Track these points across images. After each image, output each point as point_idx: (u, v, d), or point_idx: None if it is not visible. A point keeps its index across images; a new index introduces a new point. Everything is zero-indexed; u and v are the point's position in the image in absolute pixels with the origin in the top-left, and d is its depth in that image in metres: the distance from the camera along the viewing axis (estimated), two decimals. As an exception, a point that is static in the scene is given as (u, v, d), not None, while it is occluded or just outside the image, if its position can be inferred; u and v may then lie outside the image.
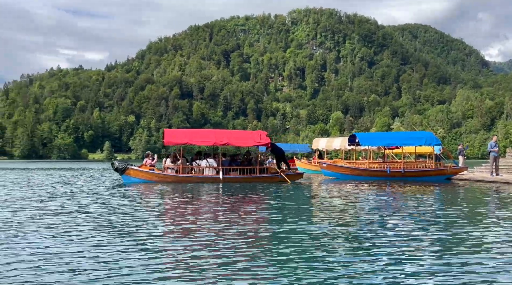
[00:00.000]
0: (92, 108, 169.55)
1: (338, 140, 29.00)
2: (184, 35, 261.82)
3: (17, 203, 10.64)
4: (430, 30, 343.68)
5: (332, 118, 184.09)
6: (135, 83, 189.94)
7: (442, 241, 6.19)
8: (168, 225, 7.52)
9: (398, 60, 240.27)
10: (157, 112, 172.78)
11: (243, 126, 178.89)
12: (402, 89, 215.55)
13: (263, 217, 8.51)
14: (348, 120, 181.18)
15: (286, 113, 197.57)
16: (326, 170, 21.80)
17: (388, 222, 7.82)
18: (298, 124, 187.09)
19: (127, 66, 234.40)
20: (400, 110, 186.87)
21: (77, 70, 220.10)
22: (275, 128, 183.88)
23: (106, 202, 10.80)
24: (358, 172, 21.23)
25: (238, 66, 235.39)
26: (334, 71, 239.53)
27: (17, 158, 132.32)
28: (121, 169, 18.12)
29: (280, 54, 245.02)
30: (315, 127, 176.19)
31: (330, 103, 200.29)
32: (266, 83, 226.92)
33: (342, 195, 13.34)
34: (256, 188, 15.80)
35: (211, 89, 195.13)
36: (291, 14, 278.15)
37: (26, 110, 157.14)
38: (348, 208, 9.84)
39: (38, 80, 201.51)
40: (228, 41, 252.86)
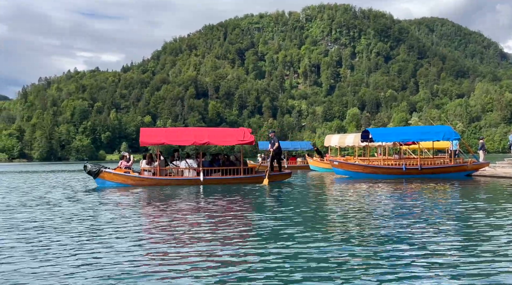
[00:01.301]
0: (109, 110, 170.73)
1: (351, 137, 27.90)
2: (199, 34, 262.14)
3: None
4: (447, 23, 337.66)
5: (349, 114, 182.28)
6: (151, 84, 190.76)
7: (468, 248, 5.51)
8: (134, 239, 6.48)
9: (415, 54, 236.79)
10: (173, 112, 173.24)
11: (259, 124, 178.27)
12: (419, 84, 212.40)
13: (254, 228, 7.17)
14: (364, 116, 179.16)
15: (302, 110, 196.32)
16: (337, 168, 20.89)
17: (404, 227, 7.06)
18: (314, 122, 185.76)
19: (142, 67, 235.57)
20: (417, 105, 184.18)
21: (93, 72, 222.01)
22: (291, 125, 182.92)
23: (66, 212, 9.44)
24: (372, 169, 20.36)
25: (253, 65, 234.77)
26: (349, 67, 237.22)
27: (36, 160, 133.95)
28: (94, 172, 16.99)
29: (295, 51, 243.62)
30: (331, 124, 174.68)
31: (346, 99, 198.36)
32: (281, 80, 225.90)
33: (353, 195, 12.52)
34: (242, 190, 14.61)
35: (226, 88, 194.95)
36: (305, 11, 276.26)
37: (44, 113, 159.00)
38: (359, 211, 9.04)
39: (56, 83, 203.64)
40: (242, 40, 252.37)
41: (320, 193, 13.45)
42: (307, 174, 25.35)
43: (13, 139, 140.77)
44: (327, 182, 18.51)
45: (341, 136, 29.35)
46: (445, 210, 9.00)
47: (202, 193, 13.98)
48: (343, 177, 20.78)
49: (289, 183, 18.06)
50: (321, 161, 28.14)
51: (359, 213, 8.59)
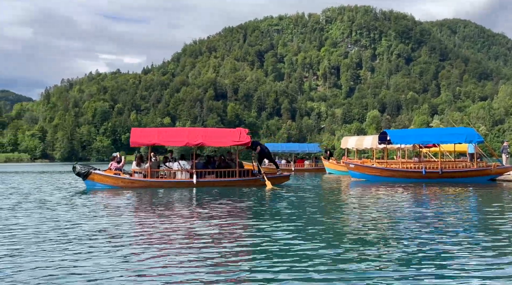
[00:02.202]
0: (129, 111, 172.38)
1: (369, 139, 27.10)
2: (218, 37, 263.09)
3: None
4: (470, 25, 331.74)
5: (369, 117, 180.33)
6: (171, 86, 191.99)
7: (495, 260, 5.05)
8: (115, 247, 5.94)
9: (436, 56, 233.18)
10: (192, 114, 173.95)
11: (277, 126, 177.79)
12: (441, 86, 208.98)
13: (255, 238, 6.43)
14: (385, 118, 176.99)
15: (321, 112, 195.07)
16: (353, 171, 20.24)
17: (424, 236, 6.47)
18: (333, 124, 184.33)
19: (163, 69, 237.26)
20: (439, 108, 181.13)
21: (114, 74, 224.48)
22: (309, 128, 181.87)
23: (46, 216, 8.91)
24: (390, 173, 19.68)
25: (272, 67, 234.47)
26: (370, 69, 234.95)
27: (58, 161, 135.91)
28: (83, 174, 16.42)
29: (315, 53, 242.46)
30: (350, 126, 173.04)
31: (366, 101, 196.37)
32: (300, 82, 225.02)
33: (368, 200, 11.93)
34: (239, 194, 13.87)
35: (245, 90, 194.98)
36: (325, 13, 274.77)
37: (66, 114, 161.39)
38: (373, 218, 8.45)
39: (78, 85, 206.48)
40: (262, 42, 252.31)
41: (332, 197, 12.89)
42: (322, 177, 24.81)
43: (35, 140, 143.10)
44: (342, 185, 17.96)
45: (359, 138, 28.57)
46: (468, 217, 8.39)
47: (194, 196, 13.20)
48: (360, 180, 20.17)
49: (298, 186, 17.42)
50: (338, 163, 27.50)
51: (373, 220, 8.04)
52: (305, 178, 23.61)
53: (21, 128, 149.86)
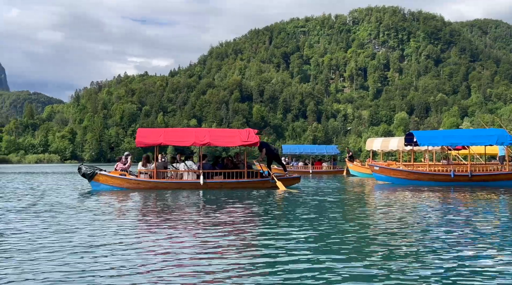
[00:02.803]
0: (157, 113, 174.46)
1: (395, 141, 26.29)
2: (244, 39, 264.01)
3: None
4: (502, 25, 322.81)
5: (396, 119, 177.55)
6: (197, 88, 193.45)
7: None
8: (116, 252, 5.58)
9: (467, 57, 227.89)
10: (218, 115, 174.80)
11: (303, 128, 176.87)
12: (471, 88, 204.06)
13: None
14: (413, 120, 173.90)
15: (348, 114, 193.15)
16: (378, 174, 19.63)
17: (452, 246, 5.93)
18: (360, 126, 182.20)
19: (189, 71, 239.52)
20: (469, 110, 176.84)
21: (142, 77, 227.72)
22: (336, 130, 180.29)
23: (48, 219, 8.51)
24: (416, 175, 19.03)
25: (298, 68, 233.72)
26: (398, 70, 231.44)
27: (87, 162, 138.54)
28: (88, 174, 16.09)
29: (341, 54, 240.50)
30: (378, 128, 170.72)
31: (394, 103, 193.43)
32: (326, 84, 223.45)
33: (392, 204, 11.40)
34: (250, 196, 13.32)
35: (270, 92, 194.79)
36: (352, 14, 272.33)
37: (95, 116, 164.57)
38: (397, 224, 7.93)
39: (107, 87, 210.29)
40: (288, 44, 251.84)
41: (354, 201, 12.34)
42: (347, 179, 24.29)
43: (65, 141, 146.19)
44: (366, 188, 17.45)
45: (384, 140, 27.76)
46: (502, 225, 7.77)
47: (201, 199, 12.69)
48: (385, 183, 19.59)
49: (316, 189, 16.90)
50: (362, 165, 26.88)
51: (398, 227, 7.47)
52: (324, 181, 23.07)
53: (52, 130, 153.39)
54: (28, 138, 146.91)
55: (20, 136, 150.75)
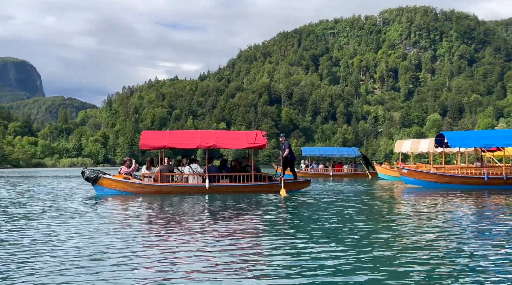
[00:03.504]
0: (186, 117, 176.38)
1: (425, 142, 25.36)
2: (273, 42, 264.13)
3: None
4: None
5: (429, 120, 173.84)
6: (226, 91, 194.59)
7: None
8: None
9: (502, 57, 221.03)
10: (246, 119, 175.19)
11: (333, 130, 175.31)
12: (507, 88, 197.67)
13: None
14: (446, 122, 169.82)
15: (378, 116, 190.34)
16: (407, 177, 18.95)
17: (487, 256, 5.42)
18: (391, 128, 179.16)
19: (218, 75, 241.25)
20: (505, 110, 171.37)
21: (172, 81, 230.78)
22: (366, 132, 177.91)
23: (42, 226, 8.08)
24: (447, 179, 18.28)
25: (327, 70, 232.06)
26: (430, 71, 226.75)
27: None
28: (92, 178, 15.66)
29: (371, 55, 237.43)
30: (409, 130, 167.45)
31: (426, 104, 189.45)
32: (356, 86, 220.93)
33: (421, 209, 10.82)
34: (259, 201, 12.72)
35: (299, 95, 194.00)
36: (383, 14, 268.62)
37: (126, 120, 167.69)
38: (426, 230, 7.36)
39: (138, 92, 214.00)
40: (317, 46, 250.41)
41: (381, 207, 11.82)
42: (375, 183, 23.66)
43: (98, 145, 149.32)
44: (393, 192, 16.87)
45: (414, 141, 26.86)
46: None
47: (206, 204, 12.09)
48: (414, 187, 18.92)
49: (338, 193, 16.27)
50: (391, 168, 26.12)
51: (428, 238, 6.78)
52: (345, 184, 22.43)
53: (85, 134, 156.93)
54: (63, 143, 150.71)
55: (55, 141, 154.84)
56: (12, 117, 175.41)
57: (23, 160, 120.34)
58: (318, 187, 19.96)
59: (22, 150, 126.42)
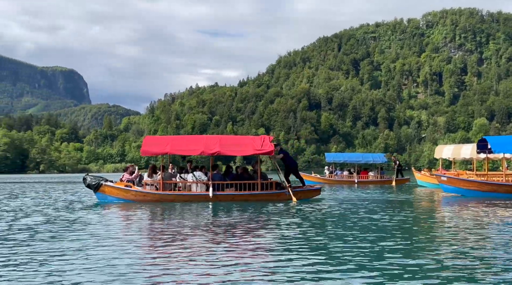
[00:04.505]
0: (226, 123, 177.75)
1: (468, 148, 23.96)
2: (313, 47, 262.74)
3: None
4: None
5: (475, 125, 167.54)
6: (265, 97, 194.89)
7: None
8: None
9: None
10: (285, 124, 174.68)
11: (374, 136, 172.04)
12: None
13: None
14: (494, 127, 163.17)
15: (422, 121, 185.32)
16: (446, 185, 17.98)
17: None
18: (436, 133, 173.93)
19: (258, 81, 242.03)
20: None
21: (212, 87, 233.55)
22: (409, 137, 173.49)
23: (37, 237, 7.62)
24: (491, 187, 17.22)
25: (368, 75, 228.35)
26: (476, 74, 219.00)
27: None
28: (93, 185, 15.22)
29: (414, 59, 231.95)
30: (455, 135, 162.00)
31: (472, 109, 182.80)
32: (398, 90, 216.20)
33: (460, 220, 10.07)
34: (265, 210, 12.00)
35: (339, 100, 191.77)
36: (426, 17, 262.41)
37: (168, 126, 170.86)
38: (467, 245, 6.62)
39: (179, 98, 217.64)
40: (357, 50, 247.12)
41: (416, 217, 11.17)
42: (414, 190, 22.74)
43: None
44: (431, 201, 16.04)
45: (456, 147, 25.50)
46: None
47: (210, 214, 11.53)
48: (454, 195, 17.97)
49: (364, 201, 15.51)
50: (431, 175, 24.98)
51: (470, 261, 5.86)
52: (372, 191, 21.47)
53: (128, 140, 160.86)
54: (107, 149, 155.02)
55: (99, 147, 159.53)
56: (60, 124, 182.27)
57: (69, 166, 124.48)
58: (344, 194, 19.37)
59: (68, 156, 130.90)
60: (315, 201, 15.40)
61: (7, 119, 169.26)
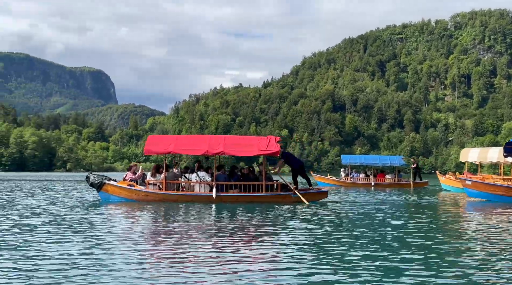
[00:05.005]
0: (249, 124, 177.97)
1: (495, 151, 23.01)
2: (338, 48, 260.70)
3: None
4: None
5: (504, 128, 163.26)
6: (289, 98, 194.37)
7: None
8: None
9: None
10: (309, 126, 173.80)
11: (399, 138, 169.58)
12: None
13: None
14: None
15: (449, 124, 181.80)
16: (471, 189, 17.37)
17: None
18: (463, 136, 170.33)
19: (282, 82, 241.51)
20: None
21: (237, 88, 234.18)
22: (435, 140, 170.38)
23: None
24: (517, 191, 16.64)
25: (394, 76, 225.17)
26: (506, 76, 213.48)
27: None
28: (96, 184, 15.09)
29: (442, 61, 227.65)
30: (483, 139, 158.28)
31: (502, 112, 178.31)
32: (425, 92, 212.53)
33: (485, 228, 9.55)
34: (270, 213, 11.53)
35: (364, 101, 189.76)
36: (454, 18, 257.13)
37: (192, 127, 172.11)
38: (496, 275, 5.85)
39: (204, 99, 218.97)
40: (383, 51, 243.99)
41: (438, 223, 10.73)
42: (437, 194, 22.13)
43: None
44: (454, 205, 15.51)
45: (482, 150, 24.64)
46: None
47: (213, 216, 11.20)
48: (479, 200, 17.36)
49: (382, 204, 15.02)
50: (456, 179, 24.23)
51: (491, 259, 5.67)
52: (389, 194, 20.87)
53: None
54: (132, 148, 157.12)
55: (125, 146, 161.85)
56: (87, 123, 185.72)
57: (95, 164, 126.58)
58: (359, 197, 18.95)
59: (95, 155, 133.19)
60: (325, 204, 15.05)
61: (36, 118, 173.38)
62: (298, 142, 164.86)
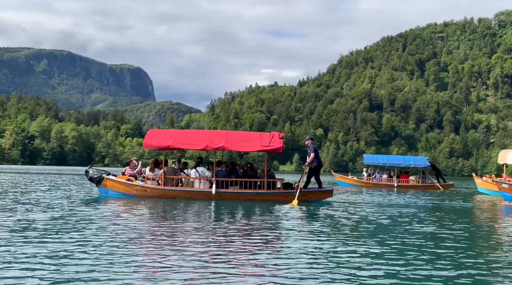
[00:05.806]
0: (284, 122, 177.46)
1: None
2: (376, 47, 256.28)
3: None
4: None
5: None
6: (324, 97, 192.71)
7: None
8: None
9: None
10: (345, 125, 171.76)
11: (438, 139, 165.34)
12: None
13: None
14: None
15: (491, 125, 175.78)
16: (507, 193, 16.59)
17: None
18: (506, 138, 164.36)
19: (317, 81, 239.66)
20: None
21: (272, 87, 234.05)
22: (476, 142, 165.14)
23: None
24: (558, 196, 15.76)
25: (434, 76, 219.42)
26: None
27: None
28: (95, 179, 14.89)
29: (484, 60, 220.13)
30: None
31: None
32: (466, 93, 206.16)
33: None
34: (273, 212, 10.94)
35: (402, 101, 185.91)
36: (498, 17, 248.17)
37: (226, 125, 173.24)
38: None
39: (239, 97, 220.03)
40: (423, 50, 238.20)
41: (467, 230, 10.16)
42: (472, 198, 21.27)
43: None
44: (487, 211, 14.78)
45: (522, 152, 23.46)
46: None
47: (212, 213, 10.81)
48: (517, 204, 16.53)
49: (408, 206, 14.50)
50: (493, 182, 23.16)
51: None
52: (413, 196, 20.02)
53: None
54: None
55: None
56: (125, 120, 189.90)
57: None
58: (381, 198, 18.35)
59: (132, 150, 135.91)
60: (344, 204, 14.51)
61: (76, 114, 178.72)
62: (333, 141, 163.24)
